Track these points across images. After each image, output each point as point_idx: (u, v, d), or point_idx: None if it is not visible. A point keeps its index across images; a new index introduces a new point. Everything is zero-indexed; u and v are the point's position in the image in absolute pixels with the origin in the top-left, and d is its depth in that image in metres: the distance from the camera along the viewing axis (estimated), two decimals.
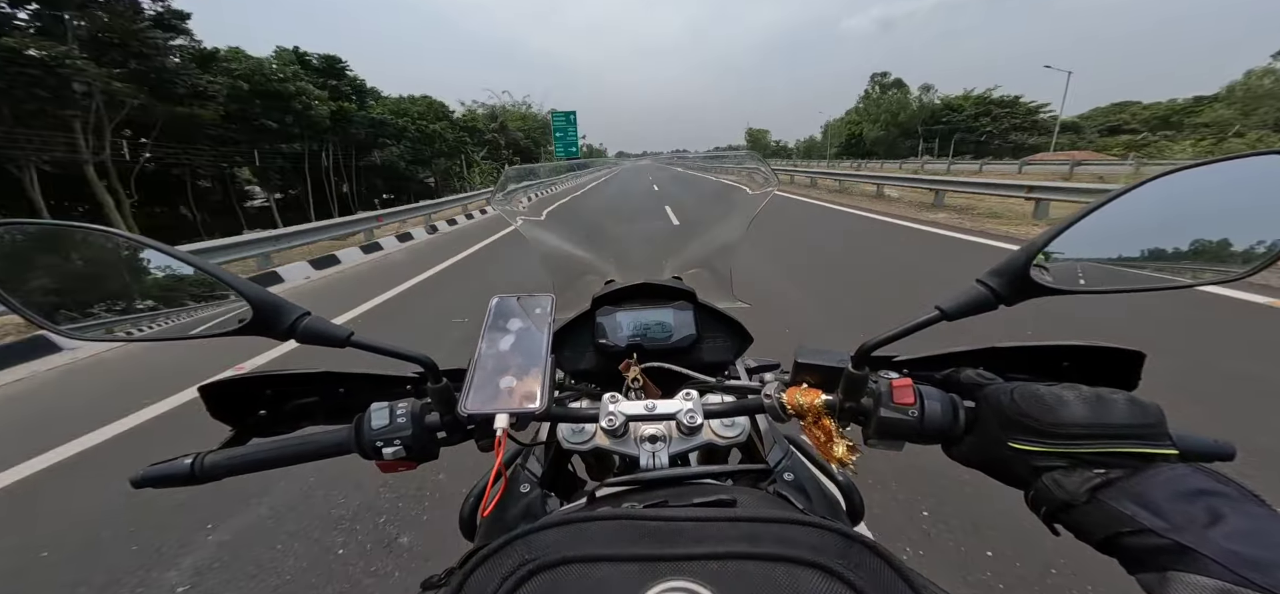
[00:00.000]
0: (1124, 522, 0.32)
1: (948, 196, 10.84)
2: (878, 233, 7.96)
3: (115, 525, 2.00)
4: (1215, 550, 0.27)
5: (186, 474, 0.48)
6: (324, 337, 0.44)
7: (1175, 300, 3.64)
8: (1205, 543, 0.28)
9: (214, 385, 0.56)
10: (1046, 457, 0.37)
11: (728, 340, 0.81)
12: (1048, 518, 0.37)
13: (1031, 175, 18.32)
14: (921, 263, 5.77)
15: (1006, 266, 0.39)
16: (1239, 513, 0.29)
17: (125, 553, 1.85)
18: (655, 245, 1.21)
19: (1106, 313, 3.51)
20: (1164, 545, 0.29)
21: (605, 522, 0.33)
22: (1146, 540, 0.30)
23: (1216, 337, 3.22)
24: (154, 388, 3.27)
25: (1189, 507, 0.30)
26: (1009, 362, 0.53)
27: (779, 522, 0.32)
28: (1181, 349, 2.97)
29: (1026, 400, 0.39)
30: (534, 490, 0.65)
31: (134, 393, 3.24)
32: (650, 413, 0.59)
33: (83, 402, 3.33)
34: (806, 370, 0.52)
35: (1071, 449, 0.36)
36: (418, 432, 0.50)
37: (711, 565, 0.29)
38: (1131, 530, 0.31)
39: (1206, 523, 0.29)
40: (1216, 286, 2.78)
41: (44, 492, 2.31)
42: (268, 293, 0.43)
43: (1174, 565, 0.29)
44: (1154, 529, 0.30)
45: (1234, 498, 0.30)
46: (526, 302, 0.57)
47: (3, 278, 0.38)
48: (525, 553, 0.30)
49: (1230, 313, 3.63)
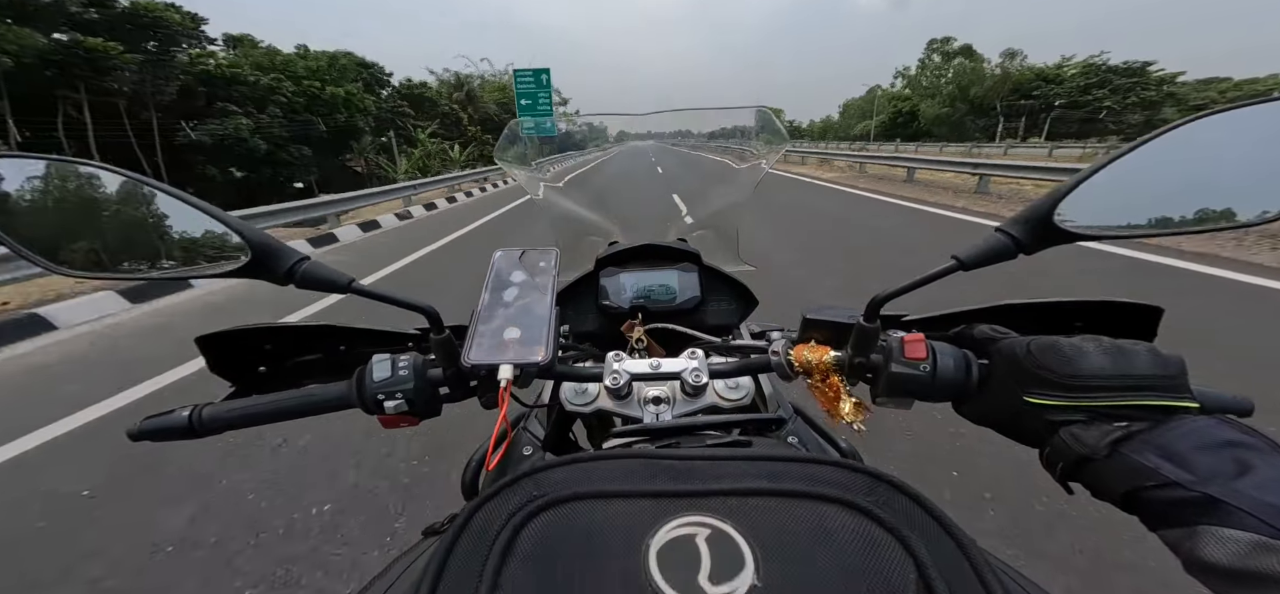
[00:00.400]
0: (1147, 475, 0.30)
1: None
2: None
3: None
4: (1248, 502, 0.26)
5: (185, 427, 0.47)
6: (324, 282, 0.43)
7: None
8: (1236, 495, 0.27)
9: (213, 337, 0.55)
10: (1064, 411, 0.36)
11: (733, 303, 0.80)
12: (1064, 475, 0.36)
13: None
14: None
15: (1029, 214, 0.39)
16: (1269, 463, 0.28)
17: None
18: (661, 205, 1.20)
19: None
20: (1191, 498, 0.28)
21: (617, 460, 0.32)
22: (1171, 493, 0.29)
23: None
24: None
25: (1216, 458, 0.29)
26: (1021, 318, 0.52)
27: (800, 461, 0.31)
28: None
29: (1044, 353, 0.38)
30: (536, 452, 0.64)
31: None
32: (655, 372, 0.59)
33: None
34: (814, 327, 0.51)
35: (1090, 402, 0.35)
36: (420, 385, 0.50)
37: (731, 501, 0.28)
38: (1155, 484, 0.30)
39: (1235, 474, 0.28)
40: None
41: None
42: (267, 236, 0.42)
43: (1202, 519, 0.27)
44: (1180, 482, 0.29)
45: (1263, 450, 0.29)
46: (530, 256, 0.57)
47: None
48: (532, 490, 0.29)
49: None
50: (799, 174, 16.93)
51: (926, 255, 5.06)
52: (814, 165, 21.02)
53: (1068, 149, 29.96)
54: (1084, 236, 0.38)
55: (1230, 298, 3.66)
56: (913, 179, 12.70)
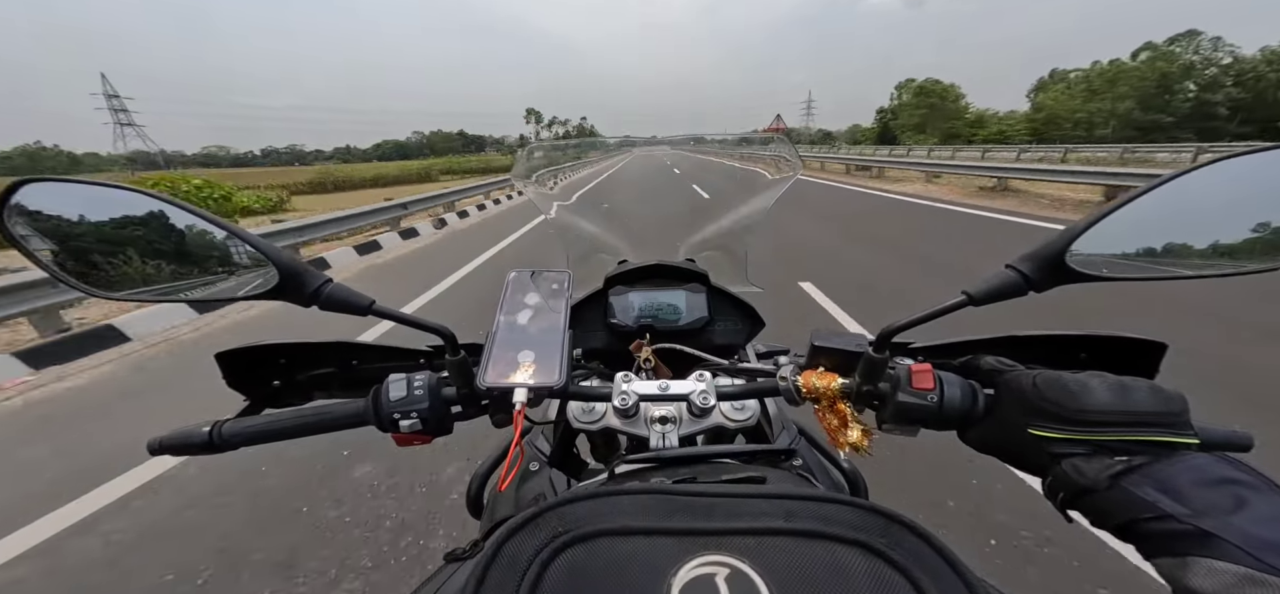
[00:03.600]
0: (1145, 508, 0.31)
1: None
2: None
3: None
4: (1238, 536, 0.27)
5: (205, 442, 0.48)
6: (346, 304, 0.44)
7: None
8: (1228, 529, 0.28)
9: (231, 353, 0.56)
10: (1067, 444, 0.37)
11: (740, 324, 0.81)
12: (1063, 504, 0.37)
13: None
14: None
15: (1040, 252, 0.39)
16: (1264, 500, 0.29)
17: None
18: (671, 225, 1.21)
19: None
20: (1184, 531, 0.29)
21: (638, 496, 0.32)
22: (1167, 526, 0.30)
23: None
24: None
25: (1213, 494, 0.30)
26: (1027, 350, 0.53)
27: (816, 500, 0.32)
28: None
29: (1049, 387, 0.38)
30: (543, 469, 0.65)
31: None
32: (663, 393, 0.59)
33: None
34: (822, 354, 0.51)
35: (1093, 436, 0.36)
36: (434, 404, 0.50)
37: (749, 541, 0.29)
38: (1152, 516, 0.31)
39: (1230, 509, 0.29)
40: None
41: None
42: (294, 258, 0.43)
43: (1195, 551, 0.28)
44: (1176, 515, 0.30)
45: (1259, 487, 0.30)
46: (543, 278, 0.57)
47: (30, 236, 0.38)
48: (558, 525, 0.30)
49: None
50: (900, 193, 11.89)
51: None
52: (916, 182, 14.34)
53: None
54: (1096, 277, 0.38)
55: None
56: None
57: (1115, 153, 23.00)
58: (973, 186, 12.46)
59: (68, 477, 2.29)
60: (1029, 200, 9.99)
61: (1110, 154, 22.60)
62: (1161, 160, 18.42)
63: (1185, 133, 44.57)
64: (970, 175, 13.02)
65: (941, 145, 42.41)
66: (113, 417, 2.94)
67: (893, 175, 16.78)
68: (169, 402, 3.12)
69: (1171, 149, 22.40)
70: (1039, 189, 11.00)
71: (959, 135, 61.60)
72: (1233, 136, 41.46)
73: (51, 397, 3.26)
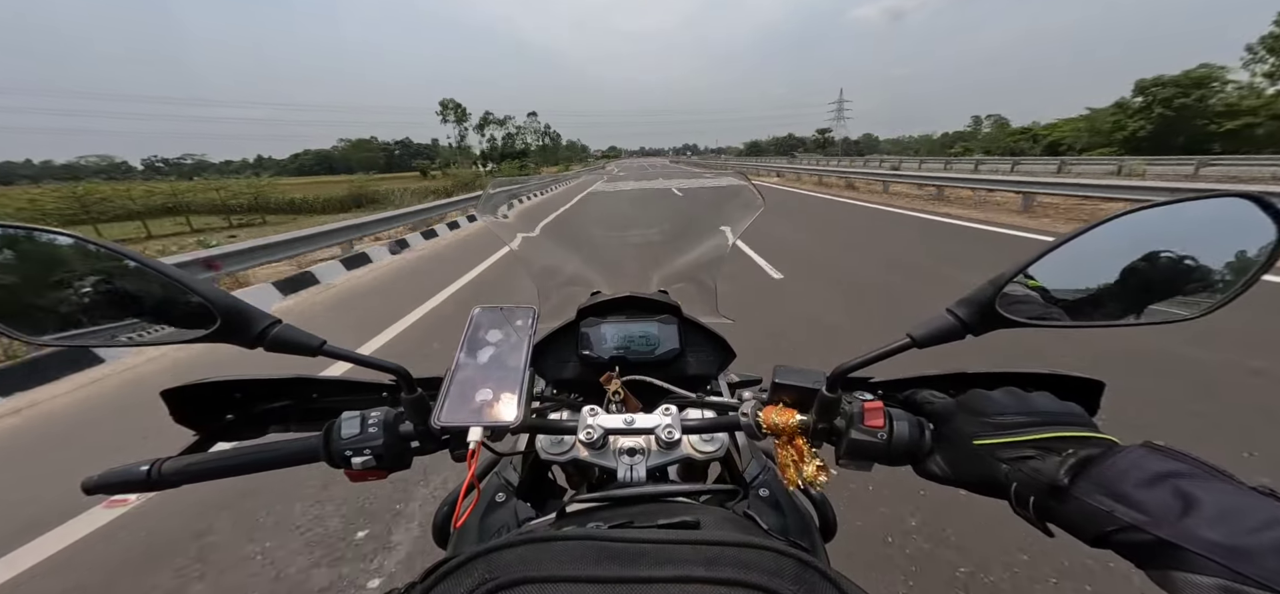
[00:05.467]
0: (1104, 519, 0.32)
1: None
2: None
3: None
4: (1202, 545, 0.27)
5: (143, 480, 0.47)
6: (295, 345, 0.44)
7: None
8: (1190, 538, 0.28)
9: (179, 389, 0.55)
10: (1011, 447, 0.38)
11: (711, 354, 0.81)
12: (1037, 512, 0.37)
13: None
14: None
15: (974, 297, 0.40)
16: (1206, 492, 0.29)
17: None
18: (643, 256, 1.22)
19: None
20: (1149, 542, 0.29)
21: (569, 542, 0.33)
22: (1132, 537, 0.30)
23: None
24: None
25: (1158, 493, 0.30)
26: (976, 385, 0.54)
27: (738, 546, 0.33)
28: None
29: (975, 401, 0.43)
30: (510, 500, 0.64)
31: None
32: (629, 427, 0.59)
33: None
34: (783, 390, 0.52)
35: (1032, 436, 0.38)
36: (390, 441, 0.50)
37: (671, 588, 0.30)
38: (1116, 527, 0.31)
39: (1180, 511, 0.29)
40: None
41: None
42: (235, 300, 0.43)
43: (1171, 565, 0.29)
44: (1135, 524, 0.30)
45: (1198, 475, 0.31)
46: (508, 313, 0.57)
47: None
48: (485, 572, 0.30)
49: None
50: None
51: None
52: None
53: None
54: (1023, 323, 0.39)
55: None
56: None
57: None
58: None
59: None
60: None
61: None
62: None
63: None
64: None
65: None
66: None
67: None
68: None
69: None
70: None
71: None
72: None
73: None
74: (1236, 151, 32.11)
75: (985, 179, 12.08)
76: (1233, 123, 38.09)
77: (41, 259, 0.39)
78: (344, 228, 7.94)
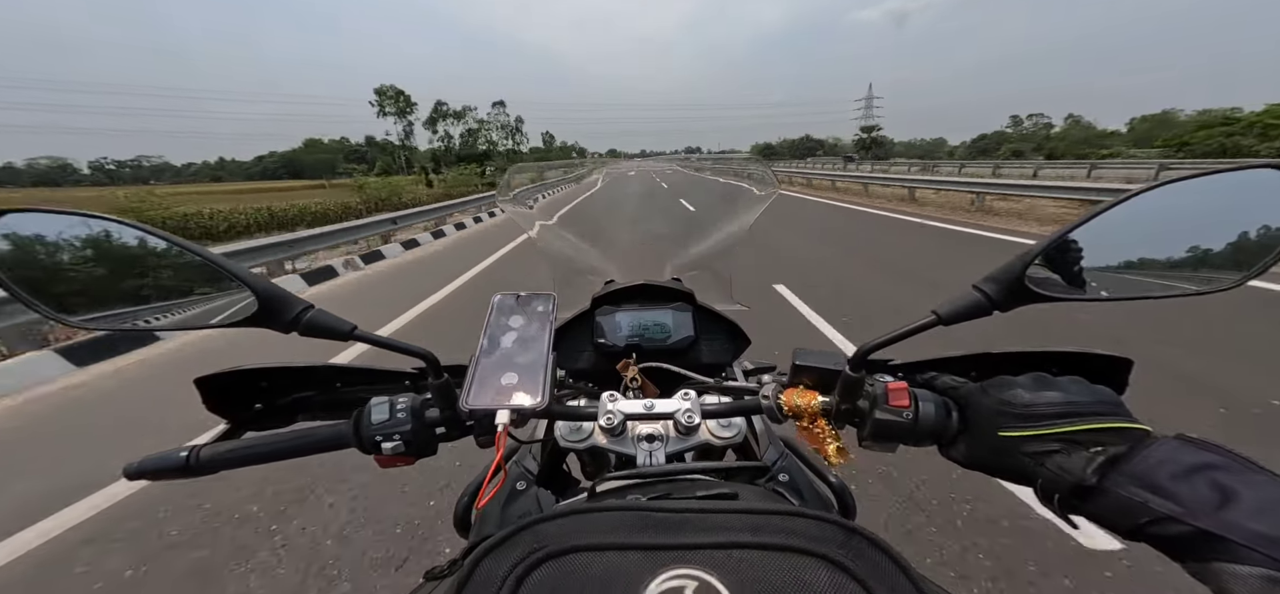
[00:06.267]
0: (1139, 511, 0.31)
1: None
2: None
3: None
4: (1245, 535, 0.27)
5: (182, 466, 0.48)
6: (327, 330, 0.44)
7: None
8: (1231, 528, 0.28)
9: (211, 378, 0.56)
10: (1037, 440, 0.38)
11: (726, 342, 0.82)
12: (1062, 507, 0.37)
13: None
14: None
15: (1002, 273, 0.40)
16: (1246, 484, 0.29)
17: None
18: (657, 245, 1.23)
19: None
20: (1188, 533, 0.29)
21: (611, 512, 0.33)
22: (1170, 529, 0.30)
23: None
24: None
25: (1194, 485, 0.30)
26: (1001, 366, 0.54)
27: (781, 514, 0.33)
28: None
29: (1001, 391, 0.41)
30: (530, 487, 0.65)
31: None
32: (649, 412, 0.60)
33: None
34: (804, 372, 0.52)
35: (1055, 429, 0.37)
36: (417, 427, 0.51)
37: (716, 554, 0.30)
38: (1150, 519, 0.31)
39: (1218, 503, 0.29)
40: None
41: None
42: (273, 285, 0.43)
43: (1212, 556, 0.29)
44: (1172, 515, 0.30)
45: (1233, 468, 0.31)
46: (528, 300, 0.58)
47: (9, 267, 0.38)
48: (533, 542, 0.31)
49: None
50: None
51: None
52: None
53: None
54: (1052, 297, 0.39)
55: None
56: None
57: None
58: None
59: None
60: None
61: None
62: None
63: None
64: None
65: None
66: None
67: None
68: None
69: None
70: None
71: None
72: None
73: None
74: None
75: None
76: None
77: (85, 243, 0.40)
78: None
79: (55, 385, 3.66)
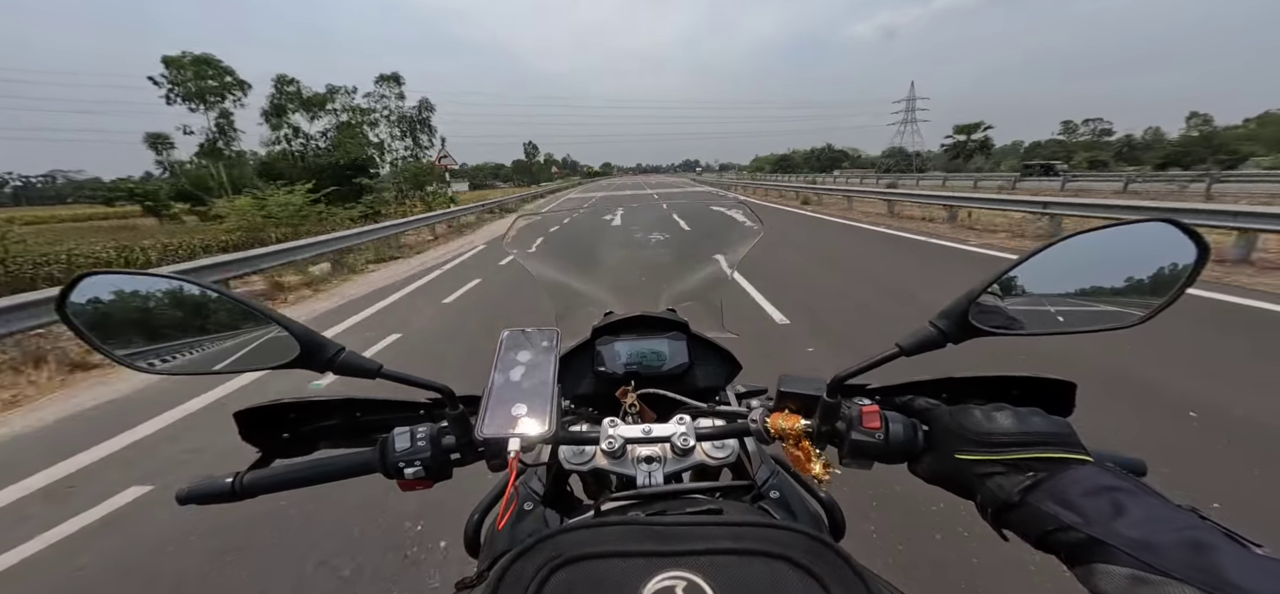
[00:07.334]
0: (1049, 520, 0.37)
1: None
2: None
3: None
4: (1122, 541, 0.32)
5: (228, 492, 0.53)
6: (357, 369, 0.50)
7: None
8: (1113, 535, 0.33)
9: (248, 411, 0.61)
10: (986, 464, 0.43)
11: (719, 367, 0.87)
12: (995, 521, 0.43)
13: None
14: None
15: (952, 309, 0.46)
16: (1138, 503, 0.34)
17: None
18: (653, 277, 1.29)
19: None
20: (1081, 540, 0.34)
21: (616, 526, 0.39)
22: (1069, 536, 0.35)
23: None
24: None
25: (1097, 502, 0.35)
26: (964, 390, 0.60)
27: (759, 525, 0.39)
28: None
29: (966, 417, 0.46)
30: (537, 508, 0.69)
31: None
32: (647, 436, 0.64)
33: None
34: (788, 398, 0.57)
35: (1004, 456, 0.42)
36: (435, 453, 0.56)
37: (702, 560, 0.35)
38: (1056, 528, 0.36)
39: (1112, 516, 0.34)
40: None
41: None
42: (310, 330, 0.49)
43: (1094, 558, 0.33)
44: (1073, 525, 0.35)
45: (1134, 492, 0.36)
46: (534, 335, 0.63)
47: (85, 320, 0.43)
48: (552, 551, 0.36)
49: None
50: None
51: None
52: None
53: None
54: (993, 332, 0.45)
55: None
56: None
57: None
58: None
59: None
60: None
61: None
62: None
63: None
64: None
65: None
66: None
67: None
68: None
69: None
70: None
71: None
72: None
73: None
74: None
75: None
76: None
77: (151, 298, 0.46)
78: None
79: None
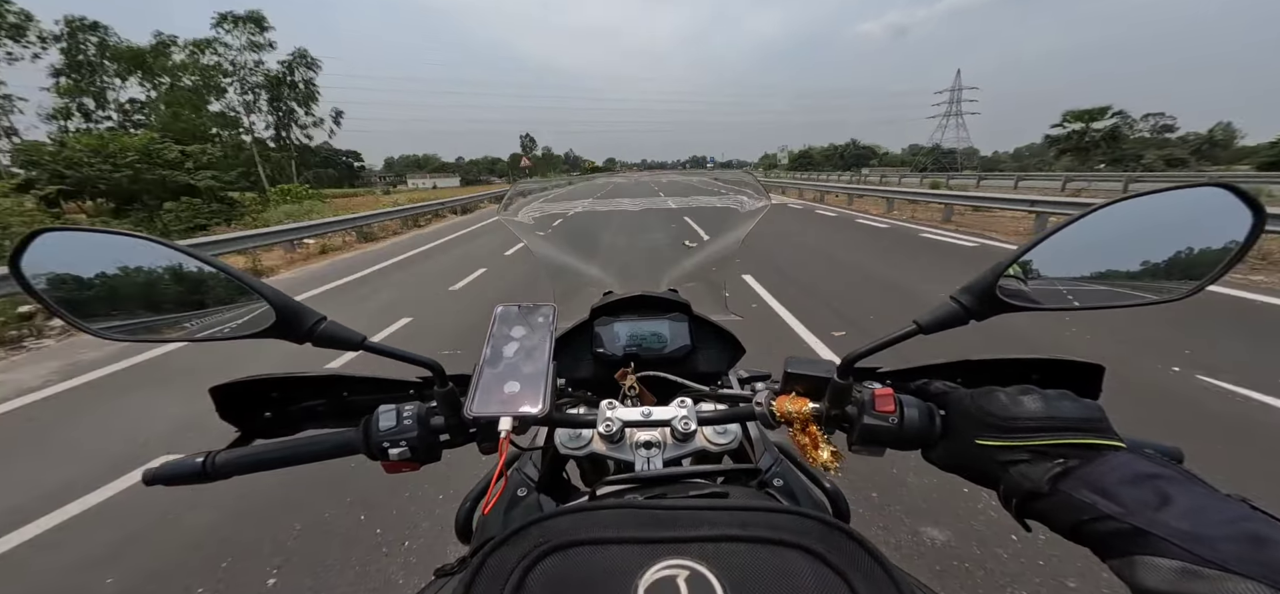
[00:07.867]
0: (1085, 510, 0.34)
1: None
2: None
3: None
4: (1171, 532, 0.30)
5: (198, 472, 0.50)
6: (339, 341, 0.46)
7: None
8: (1160, 526, 0.30)
9: (225, 387, 0.58)
10: (1009, 451, 0.40)
11: (721, 351, 0.84)
12: (1018, 511, 0.40)
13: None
14: None
15: (977, 284, 0.43)
16: (1184, 492, 0.32)
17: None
18: (654, 257, 1.26)
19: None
20: (1123, 530, 0.32)
21: (611, 510, 0.36)
22: (1107, 526, 0.33)
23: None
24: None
25: (1139, 491, 0.33)
26: (981, 373, 0.57)
27: (767, 511, 0.35)
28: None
29: (988, 401, 0.43)
30: (531, 494, 0.67)
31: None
32: (646, 419, 0.61)
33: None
34: (795, 380, 0.54)
35: (1030, 442, 0.39)
36: (422, 433, 0.52)
37: (706, 547, 0.32)
38: (1093, 518, 0.33)
39: (1156, 505, 0.32)
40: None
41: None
42: (289, 298, 0.46)
43: (1136, 549, 0.31)
44: (1112, 514, 0.32)
45: (1178, 480, 0.33)
46: (529, 311, 0.60)
47: (42, 281, 0.40)
48: (539, 537, 0.33)
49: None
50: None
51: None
52: None
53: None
54: (1021, 307, 0.42)
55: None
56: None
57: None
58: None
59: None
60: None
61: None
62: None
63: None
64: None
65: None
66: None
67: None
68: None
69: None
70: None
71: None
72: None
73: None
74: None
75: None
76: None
77: (113, 258, 0.42)
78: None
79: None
